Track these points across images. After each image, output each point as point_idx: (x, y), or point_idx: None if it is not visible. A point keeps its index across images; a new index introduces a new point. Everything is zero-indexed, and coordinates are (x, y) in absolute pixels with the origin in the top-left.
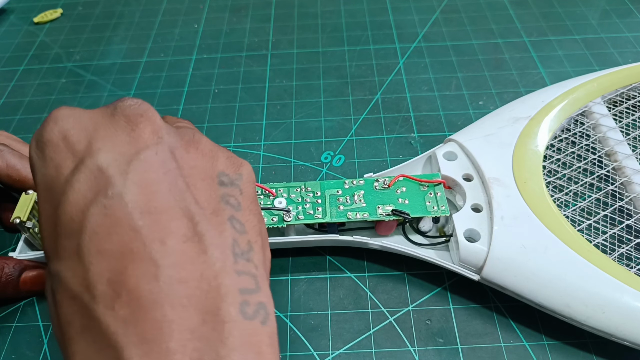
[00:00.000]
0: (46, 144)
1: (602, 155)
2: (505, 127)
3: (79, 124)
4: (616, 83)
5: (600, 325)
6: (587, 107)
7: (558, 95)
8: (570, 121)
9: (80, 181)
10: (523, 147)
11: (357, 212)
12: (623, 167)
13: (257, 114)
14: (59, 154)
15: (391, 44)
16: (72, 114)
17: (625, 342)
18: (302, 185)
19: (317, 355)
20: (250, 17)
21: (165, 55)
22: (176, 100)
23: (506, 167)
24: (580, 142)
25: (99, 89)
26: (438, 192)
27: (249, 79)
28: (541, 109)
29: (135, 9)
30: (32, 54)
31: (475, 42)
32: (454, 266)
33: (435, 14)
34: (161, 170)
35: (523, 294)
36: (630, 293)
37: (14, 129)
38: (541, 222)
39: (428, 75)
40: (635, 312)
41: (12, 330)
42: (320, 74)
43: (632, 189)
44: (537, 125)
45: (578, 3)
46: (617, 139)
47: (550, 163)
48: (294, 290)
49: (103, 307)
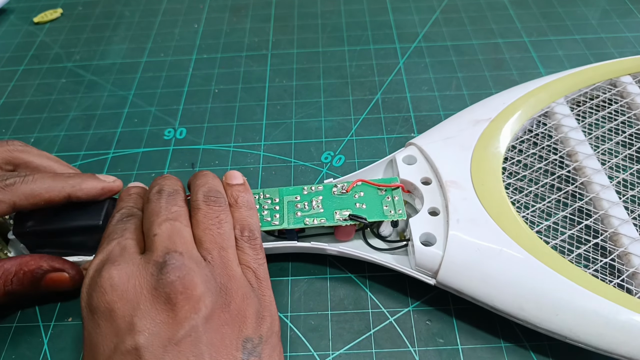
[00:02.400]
0: (95, 311)
1: (563, 156)
2: (466, 129)
3: (124, 298)
4: (579, 83)
5: (554, 328)
6: (550, 107)
7: (520, 97)
8: (533, 122)
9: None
10: (482, 149)
11: (315, 217)
12: (583, 167)
13: (257, 114)
14: (105, 326)
15: (391, 44)
16: (120, 284)
17: (580, 344)
18: (261, 192)
19: (318, 355)
20: (250, 17)
21: (165, 55)
22: (176, 100)
23: (464, 170)
24: (542, 143)
25: (99, 89)
26: (396, 196)
27: (249, 79)
28: (502, 110)
29: (135, 9)
30: (32, 54)
31: (476, 42)
32: (411, 271)
33: (435, 14)
34: (192, 355)
35: (478, 297)
36: (584, 295)
37: (14, 129)
38: (497, 225)
39: (428, 75)
40: (587, 313)
41: (12, 330)
42: (320, 74)
43: (592, 188)
44: (498, 127)
45: (578, 3)
46: (578, 138)
47: (510, 165)
48: (294, 291)
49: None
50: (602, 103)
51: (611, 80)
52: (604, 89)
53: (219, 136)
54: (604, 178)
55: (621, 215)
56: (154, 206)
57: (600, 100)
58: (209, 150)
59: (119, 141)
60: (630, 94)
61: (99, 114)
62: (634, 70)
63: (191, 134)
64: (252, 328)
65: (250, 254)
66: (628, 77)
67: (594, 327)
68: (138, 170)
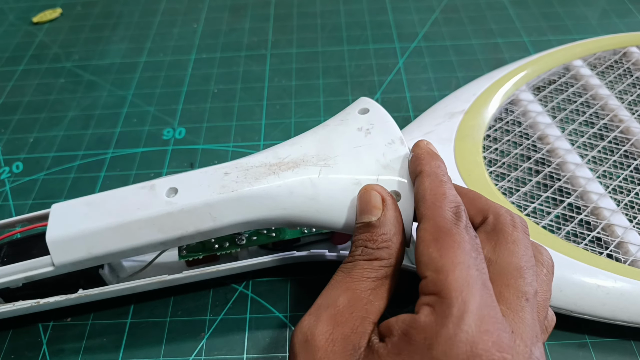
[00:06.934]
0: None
1: (535, 140)
2: (442, 123)
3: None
4: (537, 70)
5: (559, 304)
6: (515, 95)
7: (487, 87)
8: (502, 110)
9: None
10: (462, 140)
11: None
12: (556, 149)
13: (256, 114)
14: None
15: (391, 43)
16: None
17: (585, 316)
18: None
19: None
20: (249, 17)
21: (164, 55)
22: (175, 100)
23: (450, 162)
24: (513, 129)
25: (98, 88)
26: None
27: (248, 78)
28: (473, 101)
29: (134, 9)
30: (31, 54)
31: (475, 42)
32: (411, 265)
33: (435, 14)
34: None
35: None
36: (584, 269)
37: (12, 129)
38: None
39: (428, 75)
40: (589, 286)
41: (11, 330)
42: (319, 73)
43: (567, 168)
44: (473, 118)
45: (578, 3)
46: (546, 122)
47: (489, 153)
48: (294, 291)
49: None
50: (559, 87)
51: (564, 64)
52: (559, 74)
53: (218, 136)
54: (576, 157)
55: (598, 190)
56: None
57: (558, 85)
58: (208, 150)
59: (117, 141)
60: (584, 77)
61: (97, 113)
62: (584, 54)
63: (190, 134)
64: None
65: None
66: (579, 61)
67: (597, 298)
68: (137, 170)
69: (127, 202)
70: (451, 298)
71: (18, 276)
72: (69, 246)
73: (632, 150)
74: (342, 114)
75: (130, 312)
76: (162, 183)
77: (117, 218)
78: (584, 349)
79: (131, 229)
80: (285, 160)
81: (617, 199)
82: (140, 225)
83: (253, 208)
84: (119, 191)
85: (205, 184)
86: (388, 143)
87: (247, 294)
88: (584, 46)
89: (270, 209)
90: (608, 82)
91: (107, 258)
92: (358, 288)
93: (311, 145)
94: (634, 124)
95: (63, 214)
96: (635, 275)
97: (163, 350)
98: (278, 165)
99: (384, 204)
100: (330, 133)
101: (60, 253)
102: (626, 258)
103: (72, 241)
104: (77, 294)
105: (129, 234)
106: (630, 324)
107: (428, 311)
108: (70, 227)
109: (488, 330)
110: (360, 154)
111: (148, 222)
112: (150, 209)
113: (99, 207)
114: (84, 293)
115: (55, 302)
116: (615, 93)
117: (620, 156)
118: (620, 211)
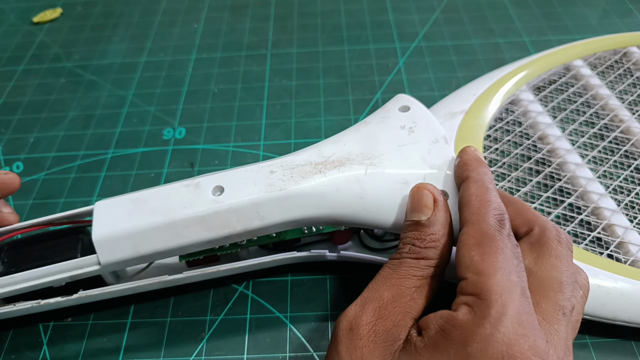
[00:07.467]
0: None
1: (535, 140)
2: (443, 123)
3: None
4: (537, 70)
5: None
6: (515, 95)
7: (488, 87)
8: (502, 110)
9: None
10: (462, 140)
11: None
12: (556, 149)
13: (256, 114)
14: None
15: (391, 43)
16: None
17: (587, 316)
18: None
19: (317, 355)
20: (249, 17)
21: (164, 54)
22: (175, 100)
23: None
24: (513, 129)
25: (98, 88)
26: None
27: (248, 78)
28: (474, 101)
29: (135, 9)
30: (32, 54)
31: (476, 42)
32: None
33: (435, 14)
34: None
35: None
36: (585, 270)
37: (13, 129)
38: None
39: (428, 75)
40: (591, 287)
41: (12, 330)
42: (319, 73)
43: (567, 168)
44: (473, 118)
45: (578, 3)
46: (546, 122)
47: (490, 153)
48: (294, 291)
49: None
50: (559, 87)
51: (565, 64)
52: (559, 74)
53: (218, 136)
54: (576, 157)
55: (598, 190)
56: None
57: (558, 85)
58: (208, 150)
59: (118, 141)
60: (584, 77)
61: (98, 113)
62: (584, 54)
63: (190, 134)
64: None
65: None
66: (579, 61)
67: (598, 298)
68: (137, 170)
69: (171, 200)
70: (491, 300)
71: (63, 275)
72: (115, 245)
73: (632, 150)
74: (381, 112)
75: (131, 312)
76: (206, 181)
77: (163, 216)
78: (584, 349)
79: (178, 227)
80: (330, 159)
81: (617, 199)
82: (187, 223)
83: (301, 207)
84: (162, 189)
85: (251, 182)
86: (432, 142)
87: (247, 294)
88: (585, 46)
89: (317, 207)
90: (608, 82)
91: (153, 257)
92: (403, 285)
93: (355, 143)
94: (634, 124)
95: (107, 211)
96: (635, 275)
97: (163, 351)
98: (324, 164)
99: (435, 204)
100: (373, 131)
101: (107, 252)
102: (627, 258)
103: (118, 240)
104: (77, 295)
105: (176, 233)
106: (631, 324)
107: (466, 310)
108: (115, 225)
109: (525, 334)
110: (406, 153)
111: (195, 221)
112: (196, 208)
113: (143, 205)
114: (85, 293)
115: (56, 302)
116: (615, 93)
117: (621, 156)
118: (620, 211)
